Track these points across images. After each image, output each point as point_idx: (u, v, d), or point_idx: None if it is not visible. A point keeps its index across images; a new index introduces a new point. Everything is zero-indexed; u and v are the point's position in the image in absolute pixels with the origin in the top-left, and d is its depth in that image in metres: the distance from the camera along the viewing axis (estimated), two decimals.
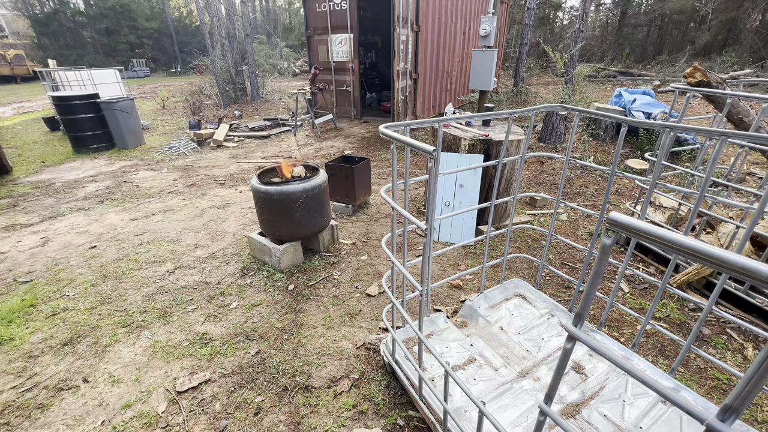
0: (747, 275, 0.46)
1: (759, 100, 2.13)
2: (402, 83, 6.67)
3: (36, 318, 2.29)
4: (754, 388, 0.49)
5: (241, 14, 10.65)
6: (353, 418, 1.66)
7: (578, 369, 1.68)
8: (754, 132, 2.01)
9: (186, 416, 1.67)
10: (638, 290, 2.49)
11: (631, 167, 4.43)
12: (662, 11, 19.09)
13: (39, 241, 3.22)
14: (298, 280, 2.64)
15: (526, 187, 4.26)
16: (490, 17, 4.96)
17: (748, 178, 4.13)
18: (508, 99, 8.83)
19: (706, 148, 2.61)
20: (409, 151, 1.22)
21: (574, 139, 1.76)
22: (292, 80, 16.48)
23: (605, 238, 0.62)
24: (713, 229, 2.65)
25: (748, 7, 14.65)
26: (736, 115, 2.63)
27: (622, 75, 14.05)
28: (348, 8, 6.96)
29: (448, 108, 4.10)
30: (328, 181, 2.84)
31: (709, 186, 2.88)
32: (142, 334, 2.15)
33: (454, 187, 3.01)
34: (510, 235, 2.05)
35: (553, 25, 23.40)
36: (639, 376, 0.64)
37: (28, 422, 1.66)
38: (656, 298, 1.58)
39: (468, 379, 1.63)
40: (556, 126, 5.54)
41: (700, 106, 7.99)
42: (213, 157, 5.86)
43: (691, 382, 1.80)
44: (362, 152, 5.83)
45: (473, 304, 2.06)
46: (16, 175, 4.96)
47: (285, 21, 31.51)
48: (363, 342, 2.07)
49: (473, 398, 1.10)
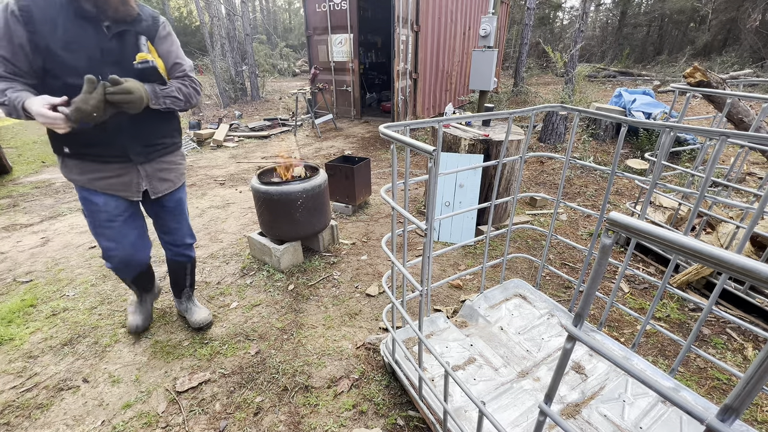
0: (747, 275, 0.46)
1: (759, 100, 2.13)
2: (402, 83, 6.67)
3: (36, 318, 2.29)
4: (754, 388, 0.49)
5: (241, 14, 10.65)
6: (353, 418, 1.66)
7: (578, 369, 1.68)
8: (754, 132, 2.01)
9: (186, 416, 1.67)
10: (638, 290, 2.49)
11: (631, 167, 4.43)
12: (662, 11, 19.09)
13: (39, 241, 3.22)
14: (298, 280, 2.64)
15: (526, 187, 4.26)
16: (490, 17, 4.96)
17: (748, 178, 4.13)
18: (508, 99, 8.83)
19: (706, 148, 2.61)
20: (409, 151, 1.22)
21: (574, 139, 1.76)
22: (292, 80, 16.49)
23: (605, 238, 0.62)
24: (713, 229, 2.65)
25: (748, 7, 14.66)
26: (736, 115, 2.63)
27: (622, 75, 14.05)
28: (348, 8, 6.96)
29: (448, 108, 4.11)
30: (328, 181, 2.84)
31: (709, 186, 2.89)
32: (142, 334, 2.15)
33: (454, 187, 3.01)
34: (510, 235, 2.05)
35: (553, 25, 23.41)
36: (639, 376, 0.64)
37: (28, 422, 1.66)
38: (656, 298, 1.58)
39: (468, 379, 1.63)
40: (556, 126, 5.54)
41: (700, 106, 7.99)
42: (213, 157, 5.86)
43: (691, 382, 1.80)
44: (362, 152, 5.83)
45: (473, 304, 2.06)
46: (16, 175, 4.96)
47: (285, 21, 31.53)
48: (363, 342, 2.07)
49: (473, 398, 1.10)
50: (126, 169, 1.66)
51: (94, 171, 1.62)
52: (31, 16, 1.31)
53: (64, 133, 1.37)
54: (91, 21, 1.41)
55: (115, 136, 1.57)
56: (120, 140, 1.59)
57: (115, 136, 1.57)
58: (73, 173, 1.62)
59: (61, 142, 1.54)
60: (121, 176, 1.67)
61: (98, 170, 1.62)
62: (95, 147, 1.57)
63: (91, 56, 1.42)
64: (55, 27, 1.36)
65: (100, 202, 1.67)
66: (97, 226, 1.74)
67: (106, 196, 1.68)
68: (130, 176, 1.69)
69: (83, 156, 1.58)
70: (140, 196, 1.76)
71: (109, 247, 1.79)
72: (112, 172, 1.64)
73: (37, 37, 1.33)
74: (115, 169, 1.64)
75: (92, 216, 1.71)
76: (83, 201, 1.69)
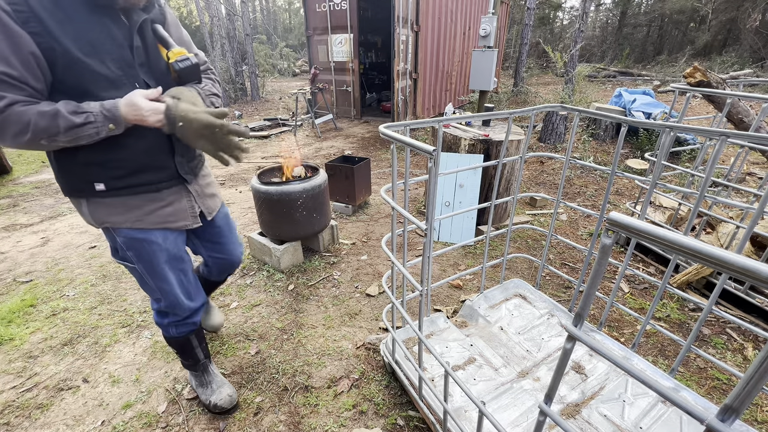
0: (747, 275, 0.46)
1: (759, 100, 2.13)
2: (402, 83, 6.67)
3: (36, 318, 2.29)
4: (754, 388, 0.49)
5: (241, 14, 10.65)
6: (353, 418, 1.66)
7: (578, 369, 1.68)
8: (754, 132, 2.01)
9: (186, 416, 1.67)
10: (638, 290, 2.49)
11: (631, 167, 4.43)
12: (662, 11, 19.09)
13: (39, 241, 3.22)
14: (298, 280, 2.64)
15: (526, 187, 4.26)
16: (490, 17, 4.96)
17: (748, 178, 4.13)
18: (508, 99, 8.83)
19: (706, 148, 2.61)
20: (409, 151, 1.22)
21: (574, 139, 1.76)
22: (292, 80, 16.49)
23: (605, 238, 0.62)
24: (713, 229, 2.65)
25: (748, 7, 14.66)
26: (736, 115, 2.63)
27: (622, 75, 14.05)
28: (348, 8, 6.95)
29: (448, 108, 4.11)
30: (328, 181, 2.84)
31: (709, 186, 2.89)
32: (142, 334, 2.15)
33: (454, 187, 3.01)
34: (510, 235, 2.05)
35: (553, 25, 23.40)
36: (639, 376, 0.64)
37: (28, 422, 1.66)
38: (656, 298, 1.58)
39: (468, 379, 1.63)
40: (556, 126, 5.54)
41: (700, 106, 7.99)
42: None
43: (691, 382, 1.80)
44: (362, 152, 5.83)
45: (473, 304, 2.06)
46: (16, 175, 4.96)
47: (285, 21, 31.52)
48: (363, 342, 2.07)
49: (473, 398, 1.10)
50: (179, 193, 1.34)
51: (144, 204, 1.25)
52: (32, 10, 0.91)
53: (98, 161, 1.08)
54: (108, 11, 1.05)
55: (166, 154, 1.24)
56: (170, 159, 1.26)
57: (165, 155, 1.24)
58: (112, 215, 1.22)
59: (91, 176, 1.14)
60: (173, 203, 1.32)
61: (149, 202, 1.26)
62: (144, 173, 1.21)
63: (122, 59, 1.07)
64: (68, 23, 0.97)
65: (159, 239, 1.31)
66: (157, 273, 1.35)
67: (163, 231, 1.33)
68: (183, 201, 1.36)
69: (127, 189, 1.20)
70: (199, 221, 1.44)
71: (176, 294, 1.41)
72: (164, 201, 1.30)
73: (49, 40, 0.94)
74: (167, 196, 1.30)
75: (149, 260, 1.32)
76: (130, 245, 1.29)
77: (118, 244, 1.30)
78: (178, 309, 1.44)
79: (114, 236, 1.28)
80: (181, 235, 1.41)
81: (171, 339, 1.55)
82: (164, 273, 1.36)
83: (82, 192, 1.17)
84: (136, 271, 1.35)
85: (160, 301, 1.43)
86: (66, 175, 1.15)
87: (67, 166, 1.13)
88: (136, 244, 1.28)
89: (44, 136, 0.97)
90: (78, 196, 1.19)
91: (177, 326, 1.51)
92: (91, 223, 1.24)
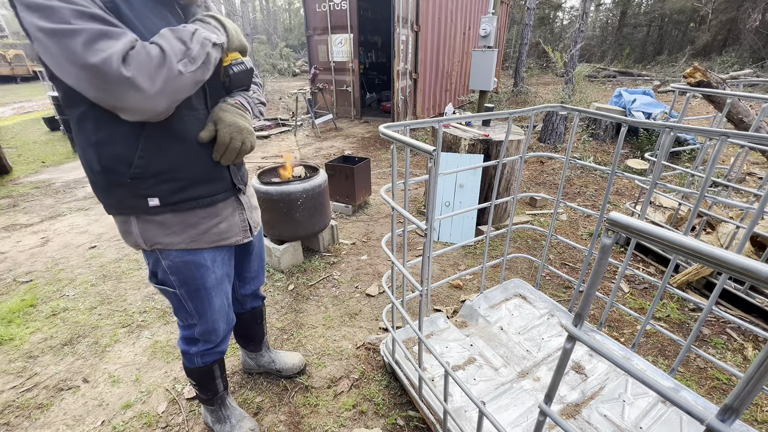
0: (747, 275, 0.46)
1: (759, 100, 2.13)
2: (402, 83, 6.67)
3: (36, 318, 2.29)
4: (754, 388, 0.49)
5: (241, 14, 10.65)
6: (353, 418, 1.66)
7: (578, 369, 1.68)
8: (754, 132, 2.01)
9: (186, 416, 1.67)
10: (638, 290, 2.49)
11: (631, 167, 4.43)
12: (662, 11, 19.10)
13: (39, 241, 3.22)
14: (298, 280, 2.63)
15: (526, 187, 4.26)
16: (490, 17, 4.96)
17: (748, 178, 4.13)
18: (508, 99, 8.83)
19: (706, 148, 2.61)
20: (409, 151, 1.22)
21: (574, 139, 1.76)
22: (292, 80, 16.48)
23: (605, 238, 0.62)
24: (713, 229, 2.65)
25: (748, 7, 14.67)
26: (736, 115, 2.63)
27: (622, 75, 14.05)
28: (348, 8, 6.95)
29: (448, 108, 4.11)
30: (328, 181, 2.84)
31: (709, 186, 2.88)
32: (142, 334, 2.15)
33: (454, 187, 3.01)
34: (510, 235, 2.05)
35: (553, 25, 23.42)
36: (639, 376, 0.64)
37: (28, 422, 1.66)
38: (656, 298, 1.58)
39: (468, 379, 1.63)
40: (556, 126, 5.54)
41: (700, 106, 7.99)
42: None
43: (691, 382, 1.80)
44: (362, 152, 5.83)
45: (473, 304, 2.06)
46: (16, 175, 4.96)
47: (285, 21, 31.53)
48: (363, 342, 2.07)
49: (473, 398, 1.10)
50: (231, 206, 1.20)
51: (200, 222, 1.12)
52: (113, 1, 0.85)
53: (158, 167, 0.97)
54: (168, 5, 0.99)
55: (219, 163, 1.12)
56: (224, 167, 1.14)
57: (220, 164, 1.11)
58: (167, 235, 1.08)
59: (143, 189, 1.00)
60: (228, 218, 1.19)
61: (204, 219, 1.12)
62: (201, 185, 1.08)
63: None
64: (139, 12, 0.90)
65: (208, 261, 1.18)
66: (200, 297, 1.21)
67: (213, 251, 1.19)
68: (236, 215, 1.22)
69: (182, 204, 1.06)
70: (249, 235, 1.30)
71: (215, 319, 1.28)
72: (219, 217, 1.16)
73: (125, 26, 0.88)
74: (222, 210, 1.17)
75: (195, 284, 1.18)
76: (177, 269, 1.14)
77: (160, 268, 1.14)
78: (213, 335, 1.31)
79: (159, 259, 1.12)
80: (230, 251, 1.29)
81: (193, 370, 1.38)
82: (208, 297, 1.22)
83: (132, 208, 1.02)
84: (176, 295, 1.19)
85: (194, 327, 1.27)
86: (112, 188, 0.99)
87: (113, 179, 0.97)
88: (183, 268, 1.14)
89: (183, 58, 0.87)
90: (126, 214, 1.04)
91: (204, 356, 1.35)
92: (139, 244, 1.09)
